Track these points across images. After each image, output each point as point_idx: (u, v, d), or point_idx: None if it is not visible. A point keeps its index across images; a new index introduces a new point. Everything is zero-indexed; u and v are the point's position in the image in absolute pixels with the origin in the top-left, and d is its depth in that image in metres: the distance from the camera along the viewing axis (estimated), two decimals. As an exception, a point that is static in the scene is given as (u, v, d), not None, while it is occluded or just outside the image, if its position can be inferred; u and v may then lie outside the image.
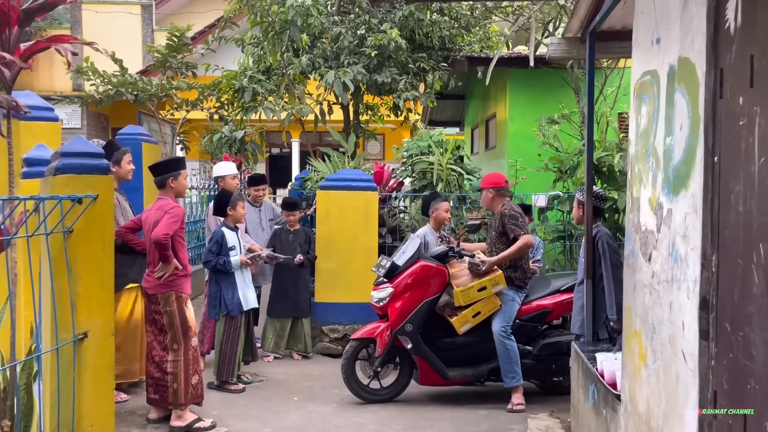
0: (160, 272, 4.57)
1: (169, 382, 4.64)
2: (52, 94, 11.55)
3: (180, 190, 4.77)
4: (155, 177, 4.74)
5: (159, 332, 4.68)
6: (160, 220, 4.50)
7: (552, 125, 7.75)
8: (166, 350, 4.66)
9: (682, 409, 2.51)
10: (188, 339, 4.66)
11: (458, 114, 14.09)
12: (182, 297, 4.65)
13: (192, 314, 4.74)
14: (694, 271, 2.39)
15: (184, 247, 4.74)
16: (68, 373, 2.68)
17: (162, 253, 4.47)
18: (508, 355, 5.23)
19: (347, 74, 8.08)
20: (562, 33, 5.12)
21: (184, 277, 4.67)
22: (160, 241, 4.41)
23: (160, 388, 4.69)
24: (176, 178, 4.71)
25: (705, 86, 2.34)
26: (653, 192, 2.91)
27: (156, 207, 4.67)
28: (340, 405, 5.45)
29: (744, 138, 2.07)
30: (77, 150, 2.82)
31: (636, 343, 3.15)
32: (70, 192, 2.70)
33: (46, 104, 5.09)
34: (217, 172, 6.68)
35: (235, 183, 6.54)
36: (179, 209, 4.62)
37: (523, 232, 5.28)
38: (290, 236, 6.69)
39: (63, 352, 2.70)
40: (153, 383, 4.73)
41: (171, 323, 4.61)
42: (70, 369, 2.68)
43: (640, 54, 3.21)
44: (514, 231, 5.25)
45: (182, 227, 4.66)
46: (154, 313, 4.65)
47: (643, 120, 3.14)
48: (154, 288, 4.61)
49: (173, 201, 4.69)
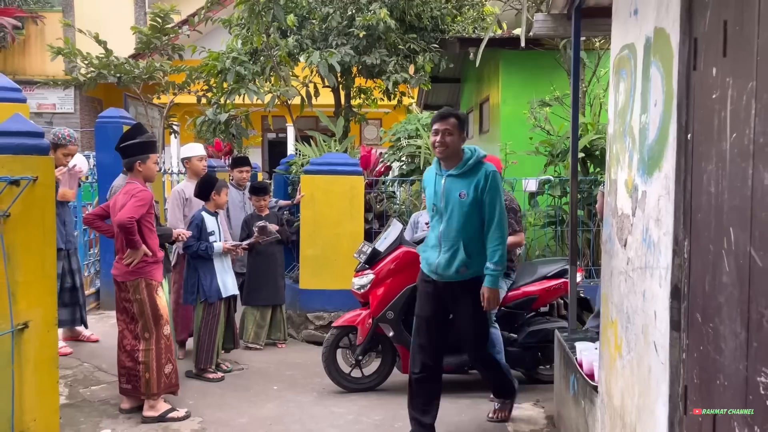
0: (128, 259, 4.42)
1: (141, 371, 4.51)
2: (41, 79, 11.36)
3: (148, 174, 4.59)
4: (123, 159, 4.58)
5: (130, 321, 4.54)
6: (126, 205, 4.34)
7: (544, 108, 7.55)
8: (137, 339, 4.52)
9: (653, 403, 2.35)
10: (160, 327, 4.52)
11: (454, 98, 13.88)
12: (152, 284, 4.50)
13: (164, 302, 4.59)
14: (666, 258, 2.23)
15: (154, 232, 4.58)
16: (6, 365, 2.54)
17: (128, 238, 4.31)
18: (491, 342, 5.07)
19: (334, 55, 7.88)
20: (548, 9, 4.93)
21: (154, 264, 4.52)
22: (124, 225, 4.25)
23: (132, 378, 4.56)
24: (144, 162, 4.53)
25: (678, 57, 2.16)
26: (629, 173, 2.75)
27: (123, 191, 4.52)
28: (320, 394, 5.31)
29: (717, 113, 1.90)
30: (14, 129, 2.65)
31: (612, 332, 3.00)
32: (6, 174, 2.54)
33: (13, 85, 4.94)
34: (183, 153, 6.38)
35: (202, 165, 6.18)
36: (146, 193, 4.46)
37: (519, 228, 5.14)
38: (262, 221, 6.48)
39: (1, 342, 2.55)
40: (125, 373, 4.60)
41: (141, 311, 4.47)
42: (9, 361, 2.53)
43: (619, 27, 3.03)
44: (512, 225, 5.10)
45: (150, 212, 4.50)
46: (124, 301, 4.51)
47: (621, 97, 2.96)
48: (123, 275, 4.46)
49: (141, 185, 4.53)
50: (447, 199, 3.96)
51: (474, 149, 4.06)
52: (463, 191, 3.93)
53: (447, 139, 3.94)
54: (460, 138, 4.01)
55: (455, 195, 3.94)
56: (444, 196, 3.97)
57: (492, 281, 3.93)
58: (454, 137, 3.96)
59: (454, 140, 3.96)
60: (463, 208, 3.92)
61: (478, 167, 3.98)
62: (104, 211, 4.76)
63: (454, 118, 3.98)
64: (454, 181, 3.98)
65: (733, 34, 1.80)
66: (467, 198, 3.91)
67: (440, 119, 3.97)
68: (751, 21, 1.68)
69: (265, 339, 6.50)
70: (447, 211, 3.96)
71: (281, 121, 15.84)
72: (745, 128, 1.70)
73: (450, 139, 3.95)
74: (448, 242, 3.96)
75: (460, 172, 3.97)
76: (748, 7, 1.70)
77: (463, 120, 4.13)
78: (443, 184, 4.00)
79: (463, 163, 3.97)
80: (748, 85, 1.68)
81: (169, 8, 8.53)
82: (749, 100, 1.68)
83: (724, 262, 1.83)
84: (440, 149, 3.95)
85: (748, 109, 1.68)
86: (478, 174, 3.95)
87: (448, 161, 4.01)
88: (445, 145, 3.95)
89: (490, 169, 3.97)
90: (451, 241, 3.95)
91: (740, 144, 1.73)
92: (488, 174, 3.95)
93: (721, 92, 1.87)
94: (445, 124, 3.95)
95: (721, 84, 1.87)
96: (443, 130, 3.94)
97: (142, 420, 4.54)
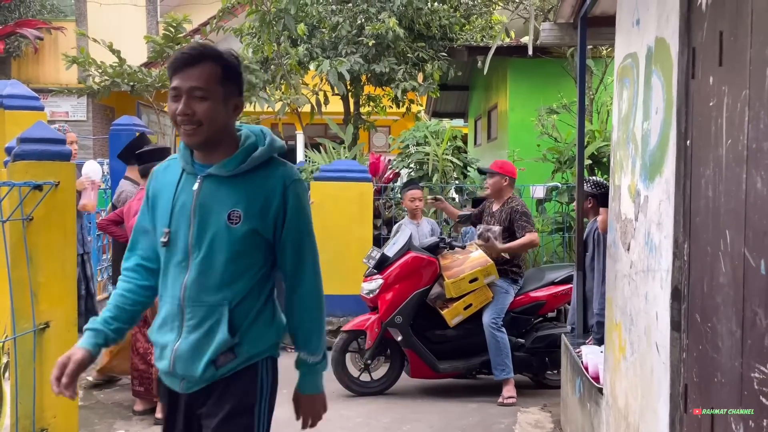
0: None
1: (153, 374, 4.59)
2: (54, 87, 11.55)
3: None
4: (139, 165, 4.68)
5: (143, 324, 4.62)
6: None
7: (551, 115, 7.63)
8: (150, 342, 4.60)
9: (655, 403, 2.42)
10: (173, 330, 4.61)
11: (462, 105, 13.97)
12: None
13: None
14: (667, 260, 2.30)
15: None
16: (29, 363, 2.63)
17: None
18: (498, 347, 5.14)
19: (344, 64, 8.00)
20: (554, 18, 5.02)
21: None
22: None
23: (145, 381, 4.65)
24: None
25: (678, 66, 2.24)
26: (632, 179, 2.82)
27: (138, 197, 4.61)
28: (329, 398, 5.27)
29: (714, 120, 1.98)
30: (37, 136, 2.76)
31: (616, 335, 3.06)
32: (29, 179, 2.65)
33: (31, 93, 5.07)
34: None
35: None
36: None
37: (533, 229, 5.22)
38: None
39: (24, 342, 2.65)
40: (138, 375, 4.68)
41: (154, 314, 4.55)
42: (31, 360, 2.63)
43: (622, 37, 3.11)
44: (525, 228, 5.16)
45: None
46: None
47: (624, 105, 3.04)
48: (137, 279, 4.55)
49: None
50: (201, 223, 2.00)
51: (261, 131, 2.10)
52: (235, 209, 2.00)
53: (198, 108, 1.94)
54: (227, 106, 2.01)
55: (219, 215, 2.00)
56: (195, 216, 2.00)
57: (313, 382, 2.27)
58: (212, 104, 1.95)
59: (213, 109, 1.96)
60: (233, 240, 2.00)
61: (271, 166, 2.06)
62: (118, 217, 4.86)
63: (211, 64, 1.96)
64: (219, 187, 2.02)
65: (729, 44, 1.87)
66: (242, 222, 1.99)
67: (183, 65, 1.95)
68: (745, 32, 1.75)
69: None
70: (199, 245, 2.01)
71: (291, 128, 15.97)
72: (740, 134, 1.77)
73: (205, 108, 1.95)
74: (199, 309, 2.01)
75: (232, 171, 2.02)
76: (741, 19, 1.77)
77: (233, 68, 2.03)
78: (195, 192, 2.02)
79: (239, 155, 2.02)
80: (742, 94, 1.75)
81: (181, 18, 8.68)
82: (743, 107, 1.75)
83: (721, 264, 1.89)
84: (187, 128, 1.96)
85: (742, 117, 1.75)
86: (270, 179, 2.04)
87: (207, 149, 2.03)
88: (193, 117, 1.95)
89: (291, 174, 2.06)
90: (205, 306, 2.01)
91: (735, 150, 1.80)
92: (291, 181, 2.05)
93: (717, 100, 1.94)
94: (190, 76, 1.94)
95: (717, 92, 1.94)
96: (189, 88, 1.94)
97: (155, 422, 4.61)
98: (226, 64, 2.00)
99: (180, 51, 2.00)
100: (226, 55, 2.02)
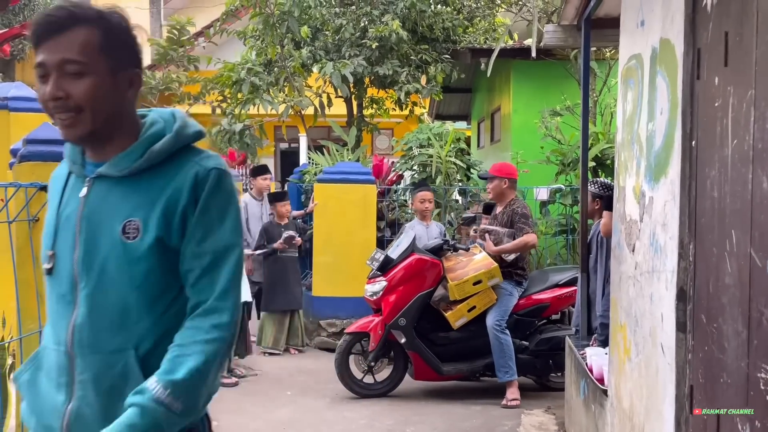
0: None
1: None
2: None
3: None
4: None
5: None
6: None
7: (554, 117, 7.63)
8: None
9: (660, 404, 2.41)
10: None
11: (465, 107, 13.97)
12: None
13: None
14: (672, 261, 2.30)
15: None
16: (34, 364, 2.63)
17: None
18: (501, 349, 5.14)
19: (347, 66, 8.01)
20: (558, 20, 5.02)
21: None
22: None
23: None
24: None
25: (683, 67, 2.24)
26: (637, 180, 2.82)
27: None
28: (333, 400, 5.39)
29: (719, 120, 1.98)
30: (43, 137, 2.77)
31: (621, 336, 3.06)
32: (35, 180, 2.65)
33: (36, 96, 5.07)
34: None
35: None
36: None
37: (531, 230, 5.22)
38: (281, 229, 6.60)
39: (29, 342, 2.65)
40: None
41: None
42: (36, 360, 2.62)
43: (627, 38, 3.11)
44: (523, 230, 5.17)
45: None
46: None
47: (628, 106, 3.04)
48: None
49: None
50: (88, 240, 1.48)
51: (172, 114, 1.58)
52: (132, 219, 1.47)
53: (74, 89, 1.41)
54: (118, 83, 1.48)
55: (111, 229, 1.48)
56: (80, 231, 1.49)
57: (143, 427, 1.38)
58: (93, 81, 1.42)
59: (96, 88, 1.43)
60: (131, 261, 1.46)
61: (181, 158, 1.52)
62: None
63: (87, 27, 1.43)
64: (111, 192, 1.51)
65: (734, 44, 1.87)
66: (142, 235, 1.46)
67: (48, 33, 1.41)
68: (750, 32, 1.75)
69: (284, 344, 6.60)
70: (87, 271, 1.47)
71: (294, 130, 15.98)
72: (745, 135, 1.77)
73: (84, 88, 1.42)
74: (93, 359, 1.46)
75: (127, 169, 1.50)
76: (747, 20, 1.77)
77: (119, 30, 1.50)
78: (82, 200, 1.51)
79: (137, 148, 1.50)
80: (748, 94, 1.75)
81: (185, 21, 8.71)
82: (749, 107, 1.75)
83: (727, 264, 1.89)
84: (63, 117, 1.43)
85: (748, 117, 1.75)
86: (179, 173, 1.49)
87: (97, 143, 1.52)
88: (69, 102, 1.41)
89: (207, 164, 1.50)
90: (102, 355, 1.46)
91: (741, 150, 1.80)
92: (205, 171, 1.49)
93: (722, 100, 1.94)
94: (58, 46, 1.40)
95: (722, 93, 1.94)
96: (59, 62, 1.40)
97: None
98: (108, 26, 1.45)
99: (44, 12, 1.43)
100: (108, 14, 1.47)
